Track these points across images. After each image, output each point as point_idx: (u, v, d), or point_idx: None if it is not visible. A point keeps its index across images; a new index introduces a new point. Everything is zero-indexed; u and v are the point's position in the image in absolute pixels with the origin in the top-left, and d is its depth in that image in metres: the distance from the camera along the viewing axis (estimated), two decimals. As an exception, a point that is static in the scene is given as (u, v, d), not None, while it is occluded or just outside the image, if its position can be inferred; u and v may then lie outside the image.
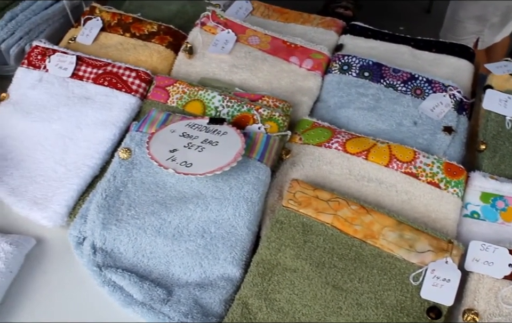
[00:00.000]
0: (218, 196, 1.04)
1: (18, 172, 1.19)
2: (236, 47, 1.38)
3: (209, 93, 1.23)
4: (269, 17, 1.56)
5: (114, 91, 1.27)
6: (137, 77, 1.28)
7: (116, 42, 1.43)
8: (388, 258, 0.97)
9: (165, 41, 1.41)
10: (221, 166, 1.02)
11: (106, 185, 1.07)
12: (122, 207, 1.05)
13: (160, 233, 1.01)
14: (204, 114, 1.21)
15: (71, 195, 1.12)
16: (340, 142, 1.15)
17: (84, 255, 1.01)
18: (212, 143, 1.09)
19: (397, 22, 2.92)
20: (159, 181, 1.08)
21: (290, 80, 1.33)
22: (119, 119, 1.22)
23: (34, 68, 1.33)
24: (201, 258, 0.99)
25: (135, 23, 1.46)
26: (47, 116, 1.25)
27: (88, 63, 1.32)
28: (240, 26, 1.42)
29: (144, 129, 1.15)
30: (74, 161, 1.18)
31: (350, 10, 2.87)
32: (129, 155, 1.11)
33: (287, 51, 1.37)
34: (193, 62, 1.38)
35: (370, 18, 1.71)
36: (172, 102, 1.25)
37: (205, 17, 1.45)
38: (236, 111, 1.19)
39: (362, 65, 1.34)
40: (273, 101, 1.22)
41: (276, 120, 1.17)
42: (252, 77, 1.33)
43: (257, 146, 1.10)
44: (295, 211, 1.03)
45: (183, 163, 1.05)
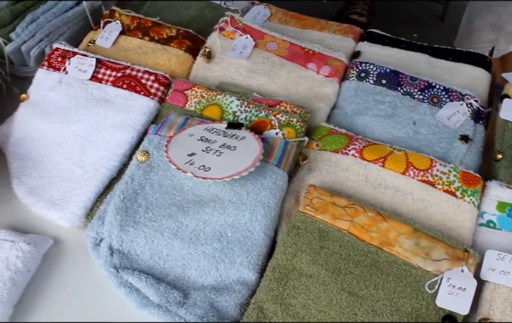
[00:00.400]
0: (236, 201, 1.05)
1: (37, 172, 1.20)
2: (254, 52, 1.39)
3: (227, 97, 1.24)
4: (287, 23, 1.56)
5: (133, 94, 1.28)
6: (156, 80, 1.29)
7: (135, 46, 1.44)
8: (403, 265, 0.97)
9: (183, 45, 1.42)
10: (239, 170, 1.03)
11: (124, 187, 1.08)
12: (140, 209, 1.05)
13: (177, 236, 1.02)
14: (221, 118, 1.21)
15: (89, 196, 1.12)
16: (356, 149, 1.15)
17: (101, 256, 1.02)
18: (230, 148, 1.09)
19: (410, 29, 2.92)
20: (177, 184, 1.09)
21: (308, 86, 1.33)
22: (138, 121, 1.23)
23: (54, 70, 1.35)
24: (217, 261, 1.00)
25: (154, 27, 1.47)
26: (66, 118, 1.26)
27: (108, 65, 1.33)
28: (258, 31, 1.43)
29: (162, 133, 1.16)
30: (92, 163, 1.18)
31: (365, 16, 2.87)
32: (147, 158, 1.12)
33: (304, 58, 1.38)
34: (212, 67, 1.39)
35: (384, 25, 1.71)
36: (190, 105, 1.25)
37: (223, 22, 1.46)
38: (254, 116, 1.20)
39: (379, 73, 1.34)
40: (291, 107, 1.22)
41: (294, 126, 1.17)
42: (270, 82, 1.34)
43: (275, 152, 1.11)
44: (312, 217, 1.03)
45: (201, 167, 1.05)
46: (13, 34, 1.43)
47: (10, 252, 1.02)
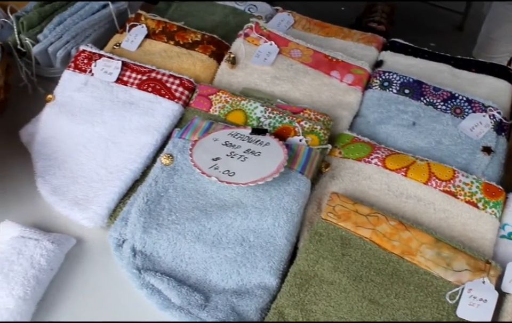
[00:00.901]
0: (259, 206, 1.06)
1: (61, 172, 1.21)
2: (278, 59, 1.40)
3: (251, 103, 1.25)
4: (310, 31, 1.57)
5: (158, 98, 1.29)
6: (181, 84, 1.31)
7: (160, 50, 1.45)
8: (424, 275, 0.97)
9: (208, 50, 1.43)
10: (263, 176, 1.03)
11: (148, 189, 1.09)
12: (163, 211, 1.06)
13: (200, 239, 1.02)
14: (245, 124, 1.22)
15: (112, 197, 1.13)
16: (379, 158, 1.15)
17: (124, 257, 1.03)
18: (255, 153, 1.10)
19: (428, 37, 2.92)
20: (200, 188, 1.10)
21: (331, 94, 1.34)
22: (162, 125, 1.24)
23: (81, 71, 1.36)
24: (239, 265, 1.00)
25: (179, 32, 1.48)
26: (91, 119, 1.27)
27: (133, 68, 1.35)
28: (282, 38, 1.44)
29: (186, 136, 1.16)
30: (116, 165, 1.19)
31: (383, 25, 2.87)
32: (171, 161, 1.13)
33: (328, 66, 1.38)
34: (236, 72, 1.40)
35: (402, 33, 1.72)
36: (214, 110, 1.26)
37: (248, 29, 1.47)
38: (278, 123, 1.21)
39: (403, 82, 1.35)
40: (315, 114, 1.23)
41: (317, 133, 1.18)
42: (293, 89, 1.34)
43: (299, 159, 1.11)
44: (334, 224, 1.04)
45: (225, 171, 1.06)
46: (40, 36, 1.44)
47: (35, 251, 1.03)
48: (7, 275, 0.99)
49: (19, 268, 1.00)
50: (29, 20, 1.45)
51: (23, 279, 0.99)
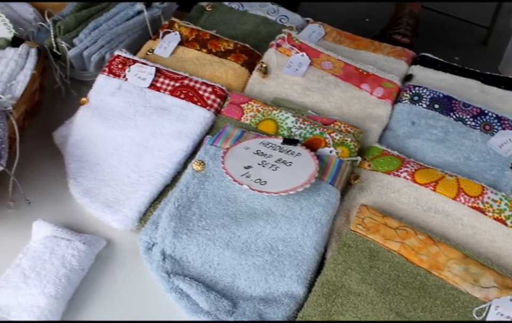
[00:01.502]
0: (288, 215, 1.06)
1: (93, 174, 1.23)
2: (309, 70, 1.41)
3: (283, 113, 1.26)
4: (341, 43, 1.58)
5: (190, 105, 1.30)
6: (213, 92, 1.32)
7: (193, 57, 1.47)
8: (451, 290, 0.97)
9: (240, 59, 1.45)
10: (295, 186, 1.04)
11: (179, 195, 1.10)
12: (194, 217, 1.07)
13: (229, 246, 1.03)
14: (276, 133, 1.23)
15: (143, 201, 1.15)
16: (408, 172, 1.16)
17: (153, 261, 1.04)
18: (286, 163, 1.11)
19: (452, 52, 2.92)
20: (231, 195, 1.11)
21: (361, 107, 1.35)
22: (193, 131, 1.25)
23: (115, 76, 1.38)
24: (267, 273, 1.01)
25: (212, 40, 1.50)
26: (124, 123, 1.29)
27: (166, 75, 1.37)
28: (314, 50, 1.45)
29: (218, 144, 1.18)
30: (147, 169, 1.21)
31: (408, 37, 2.85)
32: (203, 167, 1.14)
33: (359, 78, 1.39)
34: (267, 82, 1.41)
35: (426, 46, 1.72)
36: (245, 119, 1.28)
37: (280, 39, 1.48)
38: (309, 133, 1.22)
39: (433, 97, 1.35)
40: (345, 126, 1.24)
41: (348, 145, 1.19)
42: (324, 100, 1.35)
43: (330, 170, 1.12)
44: (363, 236, 1.04)
45: (257, 180, 1.07)
46: (76, 40, 1.47)
47: (67, 251, 1.05)
48: (40, 274, 1.01)
49: (51, 267, 1.02)
50: (66, 24, 1.48)
51: (55, 278, 1.00)
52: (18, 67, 1.32)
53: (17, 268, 1.03)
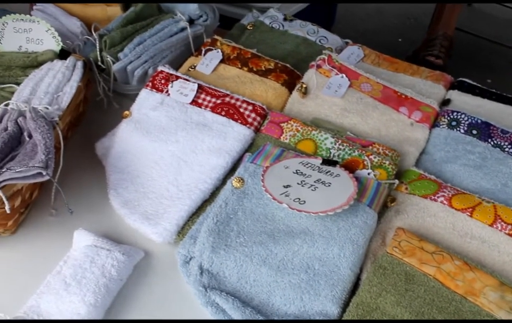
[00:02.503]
0: (326, 235, 1.07)
1: (133, 186, 1.25)
2: (349, 92, 1.42)
3: (322, 134, 1.27)
4: (379, 65, 1.59)
5: (231, 122, 1.32)
6: (253, 110, 1.34)
7: (234, 75, 1.49)
8: (487, 317, 0.96)
9: (280, 79, 1.46)
10: (333, 207, 1.05)
11: (218, 210, 1.11)
12: (232, 233, 1.09)
13: (266, 263, 1.04)
14: (315, 153, 1.25)
15: (182, 215, 1.17)
16: (445, 196, 1.16)
17: (190, 274, 1.06)
18: (325, 184, 1.12)
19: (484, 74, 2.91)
20: (268, 213, 1.12)
21: (399, 130, 1.35)
22: (233, 148, 1.27)
23: (157, 91, 1.41)
24: (302, 292, 1.01)
25: (253, 59, 1.52)
26: (165, 137, 1.31)
27: (208, 92, 1.39)
28: (353, 72, 1.46)
29: (258, 162, 1.19)
30: (187, 183, 1.23)
31: (441, 59, 2.85)
32: (242, 184, 1.16)
33: (397, 101, 1.40)
34: (306, 102, 1.42)
35: (458, 68, 1.73)
36: (284, 138, 1.29)
37: (320, 60, 1.49)
38: (347, 155, 1.22)
39: (470, 123, 1.35)
40: (383, 149, 1.25)
41: (386, 168, 1.19)
42: (362, 122, 1.36)
43: (368, 192, 1.13)
44: (399, 259, 1.04)
45: (296, 199, 1.08)
46: (121, 54, 1.50)
47: (106, 260, 1.07)
48: (80, 282, 1.03)
49: (91, 276, 1.04)
50: (112, 39, 1.52)
51: (94, 287, 1.02)
52: (65, 79, 1.35)
53: (58, 275, 1.06)
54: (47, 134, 1.15)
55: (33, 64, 1.44)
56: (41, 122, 1.17)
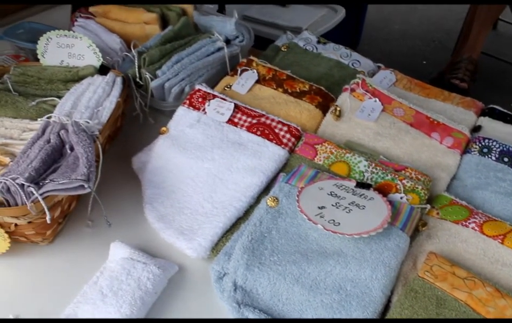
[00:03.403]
0: (358, 257, 1.09)
1: (169, 201, 1.27)
2: (381, 116, 1.44)
3: (355, 157, 1.29)
4: (411, 90, 1.60)
5: (266, 142, 1.35)
6: (288, 131, 1.36)
7: (269, 95, 1.52)
8: (517, 345, 0.98)
9: (314, 101, 1.49)
10: (368, 229, 1.07)
11: (252, 229, 1.13)
12: (266, 251, 1.10)
13: (299, 282, 1.06)
14: (348, 176, 1.26)
15: (216, 231, 1.18)
16: (477, 223, 1.17)
17: (224, 290, 1.07)
18: (359, 206, 1.13)
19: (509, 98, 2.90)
20: (302, 233, 1.14)
21: (430, 155, 1.37)
22: (268, 168, 1.29)
23: (194, 109, 1.44)
24: (334, 312, 1.02)
25: (288, 80, 1.55)
26: (202, 155, 1.34)
27: (244, 111, 1.42)
28: (387, 97, 1.48)
29: (293, 182, 1.21)
30: (221, 201, 1.25)
31: (466, 83, 2.85)
32: (277, 204, 1.18)
33: (429, 127, 1.41)
34: (340, 124, 1.44)
35: (482, 92, 1.74)
36: (319, 159, 1.31)
37: (354, 84, 1.51)
38: (380, 178, 1.24)
39: (502, 150, 1.36)
40: (416, 174, 1.26)
41: (418, 193, 1.21)
42: (394, 146, 1.38)
43: (401, 216, 1.14)
44: (431, 283, 1.05)
45: (331, 221, 1.10)
46: (159, 72, 1.54)
47: (142, 273, 1.09)
48: (116, 293, 1.05)
49: (127, 288, 1.06)
50: (151, 57, 1.55)
51: (130, 299, 1.04)
52: (105, 94, 1.39)
53: (95, 286, 1.08)
54: (88, 147, 1.18)
55: (74, 79, 1.48)
56: (83, 136, 1.21)
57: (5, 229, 1.13)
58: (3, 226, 1.12)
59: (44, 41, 1.52)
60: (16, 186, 1.09)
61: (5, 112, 1.36)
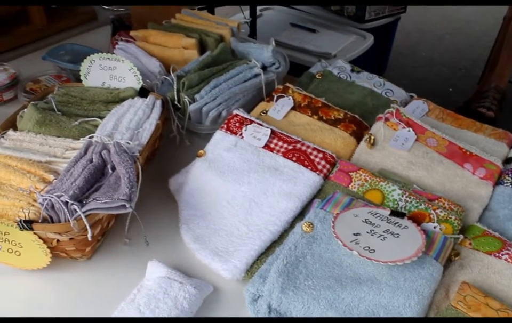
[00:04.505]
0: (392, 285, 1.10)
1: (204, 223, 1.30)
2: (415, 145, 1.46)
3: (390, 185, 1.31)
4: (443, 120, 1.62)
5: (301, 168, 1.37)
6: (324, 158, 1.38)
7: (304, 122, 1.54)
8: None
9: (349, 129, 1.51)
10: (402, 258, 1.08)
11: (287, 253, 1.15)
12: (300, 276, 1.12)
13: (332, 307, 1.07)
14: (382, 204, 1.28)
15: (251, 254, 1.20)
16: (510, 254, 1.17)
17: (259, 312, 1.09)
18: (394, 235, 1.15)
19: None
20: (336, 259, 1.15)
21: (463, 185, 1.38)
22: (303, 193, 1.31)
23: (232, 133, 1.47)
24: (367, 338, 1.04)
25: (323, 108, 1.57)
26: (238, 178, 1.37)
27: (280, 137, 1.44)
28: (420, 126, 1.50)
29: (328, 208, 1.23)
30: (257, 224, 1.27)
31: (493, 111, 2.84)
32: (311, 229, 1.20)
33: (462, 157, 1.42)
34: (373, 152, 1.46)
35: (509, 121, 1.74)
36: (353, 187, 1.33)
37: (388, 114, 1.53)
38: (414, 207, 1.26)
39: (535, 182, 1.37)
40: (449, 204, 1.27)
41: (451, 223, 1.22)
42: (427, 176, 1.39)
43: (435, 245, 1.16)
44: (464, 313, 1.06)
45: (366, 248, 1.12)
46: (197, 96, 1.58)
47: (179, 293, 1.11)
48: (154, 311, 1.07)
49: (164, 306, 1.08)
50: (190, 81, 1.60)
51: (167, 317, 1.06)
52: (145, 116, 1.43)
53: (132, 303, 1.10)
54: (130, 168, 1.21)
55: (115, 100, 1.52)
56: (125, 157, 1.24)
57: (47, 244, 1.16)
58: (45, 242, 1.16)
59: (87, 63, 1.57)
60: (61, 203, 1.13)
61: (49, 131, 1.40)
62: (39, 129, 1.40)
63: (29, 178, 1.22)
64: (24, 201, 1.18)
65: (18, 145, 1.36)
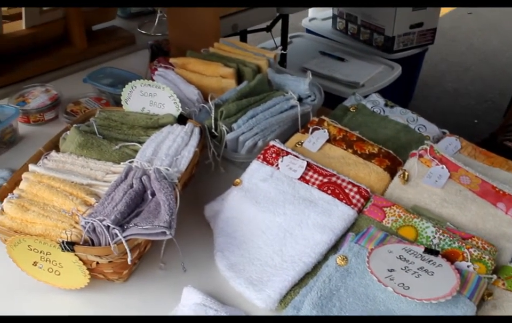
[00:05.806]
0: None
1: (239, 251, 1.32)
2: (448, 183, 1.46)
3: (423, 222, 1.32)
4: (475, 158, 1.62)
5: (336, 201, 1.39)
6: (358, 192, 1.40)
7: (339, 155, 1.56)
8: None
9: (383, 164, 1.53)
10: (437, 296, 1.10)
11: (321, 285, 1.17)
12: (334, 309, 1.13)
13: (365, 341, 1.09)
14: (415, 240, 1.29)
15: (285, 285, 1.22)
16: (543, 296, 1.19)
17: (293, 345, 1.11)
18: (428, 272, 1.16)
19: None
20: (370, 293, 1.17)
21: (495, 224, 1.38)
22: (337, 226, 1.33)
23: (268, 164, 1.50)
24: None
25: (358, 142, 1.59)
26: (274, 209, 1.39)
27: (315, 170, 1.47)
28: (454, 164, 1.51)
29: (362, 243, 1.25)
30: (291, 255, 1.29)
31: (520, 144, 2.84)
32: (346, 263, 1.22)
33: (495, 196, 1.43)
34: (406, 188, 1.47)
35: None
36: (387, 222, 1.34)
37: (422, 150, 1.55)
38: (447, 245, 1.27)
39: None
40: (482, 243, 1.28)
41: (485, 262, 1.23)
42: (460, 214, 1.40)
43: (469, 285, 1.16)
44: (497, 355, 1.08)
45: (400, 284, 1.13)
46: (234, 125, 1.61)
47: (214, 320, 1.14)
48: (189, 337, 1.11)
49: (211, 334, 1.11)
50: (228, 110, 1.63)
51: (206, 344, 1.09)
52: (184, 143, 1.47)
53: (168, 328, 1.13)
54: (170, 195, 1.25)
55: (155, 126, 1.56)
56: (165, 184, 1.28)
57: (86, 266, 1.20)
58: (85, 263, 1.19)
59: (128, 89, 1.61)
60: (102, 227, 1.16)
61: (90, 154, 1.44)
62: (81, 152, 1.44)
63: (71, 200, 1.26)
64: (67, 222, 1.22)
65: (61, 166, 1.40)
